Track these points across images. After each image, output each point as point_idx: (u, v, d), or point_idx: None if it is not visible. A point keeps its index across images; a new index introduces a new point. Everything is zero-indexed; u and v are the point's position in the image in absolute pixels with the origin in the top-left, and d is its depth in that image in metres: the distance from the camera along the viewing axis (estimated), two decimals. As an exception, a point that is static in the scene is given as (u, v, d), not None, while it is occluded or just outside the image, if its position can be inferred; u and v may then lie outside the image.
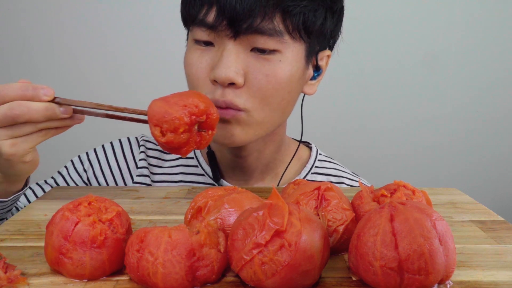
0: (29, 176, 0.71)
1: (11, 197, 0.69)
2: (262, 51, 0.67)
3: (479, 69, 1.85)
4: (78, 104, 0.60)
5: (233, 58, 0.66)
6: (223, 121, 0.69)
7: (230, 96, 0.67)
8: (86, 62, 1.79)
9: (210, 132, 0.61)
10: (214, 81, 0.68)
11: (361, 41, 1.75)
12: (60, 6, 1.75)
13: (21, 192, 0.71)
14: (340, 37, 0.77)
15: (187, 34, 0.75)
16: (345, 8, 0.75)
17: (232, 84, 0.67)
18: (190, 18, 0.70)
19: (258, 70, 0.67)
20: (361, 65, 1.81)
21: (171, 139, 0.57)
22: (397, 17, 1.80)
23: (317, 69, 0.76)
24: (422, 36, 1.81)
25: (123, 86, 1.81)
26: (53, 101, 0.58)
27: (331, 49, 0.78)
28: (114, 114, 0.62)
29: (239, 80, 0.66)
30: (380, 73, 1.83)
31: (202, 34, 0.68)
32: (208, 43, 0.69)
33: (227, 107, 0.68)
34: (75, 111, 0.60)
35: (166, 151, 0.62)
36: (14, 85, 0.58)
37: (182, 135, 0.57)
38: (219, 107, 0.67)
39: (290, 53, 0.69)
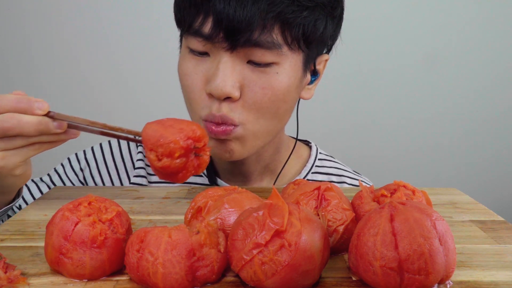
0: (22, 187, 0.69)
1: (3, 209, 0.67)
2: (258, 64, 0.65)
3: (479, 69, 1.85)
4: (72, 120, 0.58)
5: (229, 71, 0.64)
6: (220, 140, 0.68)
7: (226, 110, 0.66)
8: (86, 62, 1.79)
9: (208, 153, 0.58)
10: (210, 94, 0.66)
11: (362, 41, 1.75)
12: (60, 6, 1.75)
13: (13, 204, 0.69)
14: (339, 38, 0.75)
15: (180, 35, 0.73)
16: (344, 8, 0.73)
17: (228, 98, 0.66)
18: (184, 25, 0.67)
19: (254, 83, 0.66)
20: (361, 64, 1.81)
21: (167, 164, 0.54)
22: (397, 17, 1.80)
23: (315, 74, 0.75)
24: (422, 36, 1.81)
25: (123, 86, 1.81)
26: (47, 115, 0.57)
27: (329, 51, 0.76)
28: (108, 132, 0.61)
29: (235, 94, 0.65)
30: (380, 73, 1.83)
31: (197, 44, 0.66)
32: (203, 53, 0.67)
33: (223, 122, 0.66)
34: (69, 126, 0.59)
35: (162, 179, 0.59)
36: (8, 96, 0.56)
37: (178, 160, 0.54)
38: (215, 122, 0.67)
39: (288, 65, 0.67)
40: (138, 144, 0.88)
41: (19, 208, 0.80)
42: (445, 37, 1.82)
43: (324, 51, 0.75)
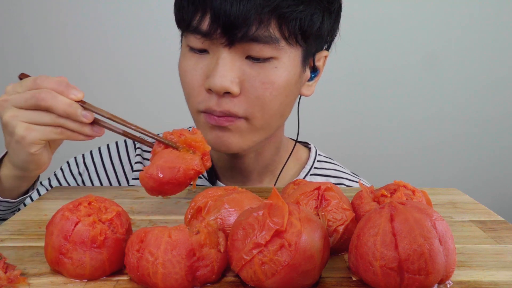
0: (38, 178, 0.72)
1: (18, 199, 0.70)
2: (257, 59, 0.66)
3: (479, 69, 1.85)
4: (99, 112, 0.62)
5: (228, 67, 0.65)
6: (221, 128, 0.68)
7: (228, 105, 0.66)
8: (86, 62, 1.79)
9: None
10: (209, 90, 0.67)
11: (361, 41, 1.75)
12: (60, 6, 1.75)
13: (28, 194, 0.71)
14: (338, 35, 0.76)
15: (181, 36, 0.74)
16: (344, 7, 0.74)
17: (227, 93, 0.66)
18: (184, 24, 0.68)
19: (254, 78, 0.66)
20: (361, 64, 1.81)
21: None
22: (397, 17, 1.80)
23: (314, 70, 0.75)
24: (422, 36, 1.81)
25: (123, 86, 1.81)
26: (80, 102, 0.61)
27: (328, 48, 0.77)
28: (131, 133, 0.64)
29: (235, 89, 0.65)
30: (380, 73, 1.83)
31: (196, 41, 0.67)
32: (202, 51, 0.68)
33: (224, 115, 0.67)
34: (97, 123, 0.62)
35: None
36: (52, 78, 0.60)
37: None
38: (216, 116, 0.67)
39: (287, 59, 0.67)
40: (137, 147, 0.88)
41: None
42: (445, 38, 1.82)
43: (324, 48, 0.75)
